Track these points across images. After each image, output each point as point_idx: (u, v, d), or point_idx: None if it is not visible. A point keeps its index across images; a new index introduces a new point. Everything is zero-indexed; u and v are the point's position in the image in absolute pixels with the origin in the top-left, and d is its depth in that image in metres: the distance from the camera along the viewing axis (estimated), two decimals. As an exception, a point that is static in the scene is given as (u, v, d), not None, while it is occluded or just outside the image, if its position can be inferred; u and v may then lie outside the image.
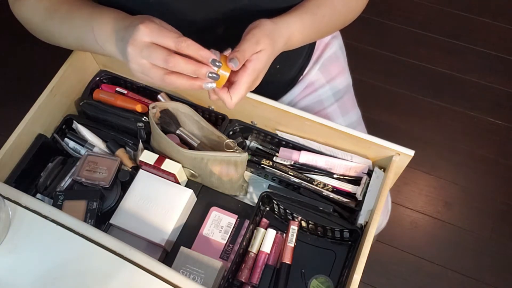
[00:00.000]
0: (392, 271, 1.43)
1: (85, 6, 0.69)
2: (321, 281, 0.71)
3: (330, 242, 0.74)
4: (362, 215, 0.71)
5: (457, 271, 1.41)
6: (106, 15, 0.65)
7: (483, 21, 1.86)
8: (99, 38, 0.65)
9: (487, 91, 1.71)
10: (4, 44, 1.88)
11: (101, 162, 0.76)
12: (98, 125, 0.82)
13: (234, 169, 0.72)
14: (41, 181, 0.77)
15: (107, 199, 0.75)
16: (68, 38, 0.70)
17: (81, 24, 0.67)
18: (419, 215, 1.51)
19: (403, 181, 1.56)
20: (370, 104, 1.64)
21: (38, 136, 0.78)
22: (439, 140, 1.63)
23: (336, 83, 0.94)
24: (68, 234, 0.59)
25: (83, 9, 0.68)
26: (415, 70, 1.77)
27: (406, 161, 0.71)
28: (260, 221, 0.76)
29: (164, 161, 0.73)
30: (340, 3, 0.73)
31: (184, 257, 0.69)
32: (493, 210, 1.50)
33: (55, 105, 0.80)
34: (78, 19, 0.68)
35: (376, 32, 1.86)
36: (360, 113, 0.98)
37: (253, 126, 0.80)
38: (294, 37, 0.68)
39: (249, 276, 0.71)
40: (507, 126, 1.64)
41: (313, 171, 0.76)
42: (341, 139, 0.73)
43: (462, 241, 1.46)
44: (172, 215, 0.72)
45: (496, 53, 1.78)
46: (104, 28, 0.64)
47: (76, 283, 0.58)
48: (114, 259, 0.58)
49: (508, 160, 1.58)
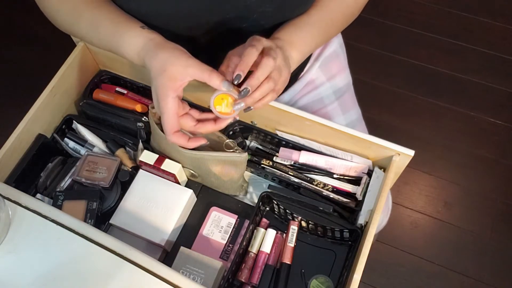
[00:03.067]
0: (392, 271, 1.43)
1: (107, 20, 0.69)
2: (321, 281, 0.71)
3: (330, 242, 0.74)
4: (362, 215, 0.71)
5: (457, 271, 1.41)
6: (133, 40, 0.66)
7: (483, 21, 1.86)
8: (129, 56, 0.67)
9: (487, 91, 1.71)
10: (4, 44, 1.88)
11: (101, 162, 0.76)
12: (98, 125, 0.82)
13: (234, 169, 0.72)
14: (41, 181, 0.77)
15: (107, 199, 0.75)
16: (97, 45, 0.72)
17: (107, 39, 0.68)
18: (419, 215, 1.51)
19: (403, 181, 1.56)
20: (370, 104, 1.63)
21: (38, 136, 0.78)
22: (439, 140, 1.63)
23: (336, 81, 0.94)
24: (68, 234, 0.59)
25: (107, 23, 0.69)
26: (415, 70, 1.77)
27: (406, 161, 0.71)
28: (260, 221, 0.76)
29: (164, 161, 0.73)
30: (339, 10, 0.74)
31: (184, 257, 0.69)
32: (493, 210, 1.50)
33: (55, 105, 0.80)
34: (103, 34, 0.69)
35: (376, 32, 1.86)
36: (361, 112, 0.98)
37: (253, 126, 0.80)
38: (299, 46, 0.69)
39: (249, 276, 0.71)
40: (507, 126, 1.64)
41: (313, 171, 0.76)
42: (341, 139, 0.73)
43: (462, 241, 1.46)
44: (172, 215, 0.72)
45: (496, 53, 1.78)
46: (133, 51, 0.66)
47: (76, 283, 0.58)
48: (114, 259, 0.58)
49: (508, 160, 1.58)
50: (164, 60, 0.61)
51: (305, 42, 0.70)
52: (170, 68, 0.60)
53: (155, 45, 0.63)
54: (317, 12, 0.72)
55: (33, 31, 1.87)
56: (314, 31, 0.71)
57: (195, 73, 0.61)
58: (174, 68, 0.60)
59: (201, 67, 0.61)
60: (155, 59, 0.62)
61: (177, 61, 0.61)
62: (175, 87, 0.60)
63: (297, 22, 0.71)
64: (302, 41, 0.69)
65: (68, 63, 0.79)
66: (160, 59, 0.61)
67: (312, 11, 0.72)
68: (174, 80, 0.60)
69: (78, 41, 0.82)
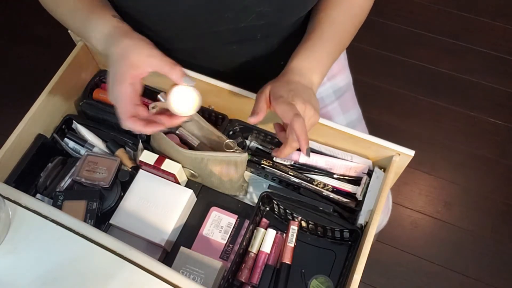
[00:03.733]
0: (392, 271, 1.43)
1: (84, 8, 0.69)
2: (321, 281, 0.71)
3: (330, 242, 0.74)
4: (362, 215, 0.70)
5: (457, 271, 1.41)
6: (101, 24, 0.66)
7: (483, 21, 1.86)
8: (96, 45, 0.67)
9: (487, 91, 1.71)
10: (4, 44, 1.88)
11: (101, 162, 0.76)
12: (98, 125, 0.81)
13: (234, 169, 0.72)
14: (41, 181, 0.77)
15: (107, 199, 0.75)
16: (74, 31, 0.72)
17: (80, 25, 0.68)
18: (419, 215, 1.51)
19: (403, 181, 1.56)
20: (370, 104, 1.63)
21: (38, 136, 0.78)
22: (439, 140, 1.63)
23: (336, 81, 0.94)
24: (68, 234, 0.59)
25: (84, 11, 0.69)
26: (415, 70, 1.77)
27: (406, 161, 0.71)
28: (260, 221, 0.76)
29: (164, 161, 0.73)
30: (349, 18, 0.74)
31: (184, 257, 0.69)
32: (493, 210, 1.50)
33: (55, 105, 0.80)
34: (78, 20, 0.69)
35: (376, 32, 1.86)
36: (361, 112, 0.98)
37: (253, 126, 0.79)
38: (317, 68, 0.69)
39: (249, 276, 0.71)
40: (507, 126, 1.64)
41: (313, 171, 0.76)
42: (341, 139, 0.73)
43: (462, 241, 1.46)
44: (172, 215, 0.72)
45: (496, 53, 1.78)
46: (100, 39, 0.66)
47: (76, 283, 0.58)
48: (114, 259, 0.58)
49: (508, 160, 1.58)
50: (127, 47, 0.61)
51: (322, 64, 0.69)
52: (132, 55, 0.60)
53: (121, 32, 0.63)
54: (329, 28, 0.71)
55: (33, 31, 1.87)
56: (330, 49, 0.70)
57: (157, 64, 0.61)
58: (136, 56, 0.60)
59: (164, 58, 0.61)
60: (119, 45, 0.62)
61: (140, 50, 0.61)
62: (134, 74, 0.60)
63: (311, 45, 0.70)
64: (320, 63, 0.69)
65: (68, 63, 0.79)
66: (124, 45, 0.61)
67: (324, 27, 0.71)
68: (134, 68, 0.60)
69: (78, 40, 0.82)
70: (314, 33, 0.71)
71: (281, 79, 0.67)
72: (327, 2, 0.73)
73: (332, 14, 0.72)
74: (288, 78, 0.66)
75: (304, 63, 0.68)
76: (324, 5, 0.73)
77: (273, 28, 0.74)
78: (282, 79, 0.67)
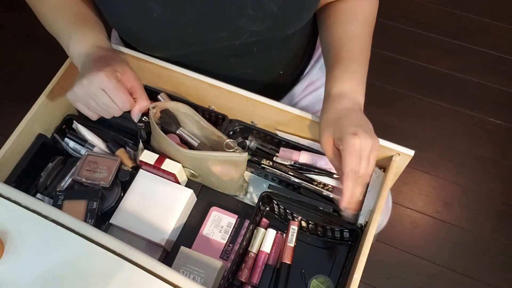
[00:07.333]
0: (392, 271, 1.43)
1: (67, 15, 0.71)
2: (321, 281, 0.71)
3: (330, 242, 0.74)
4: (362, 215, 0.71)
5: (457, 271, 1.41)
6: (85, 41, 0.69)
7: (483, 21, 1.86)
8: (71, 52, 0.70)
9: (487, 91, 1.71)
10: (4, 44, 1.88)
11: (101, 162, 0.76)
12: (98, 125, 0.82)
13: (234, 169, 0.72)
14: (41, 181, 0.77)
15: (107, 199, 0.75)
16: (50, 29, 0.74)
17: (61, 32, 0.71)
18: (419, 215, 1.51)
19: (403, 181, 1.56)
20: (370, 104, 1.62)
21: (38, 136, 0.78)
22: (439, 140, 1.63)
23: None
24: (68, 234, 0.59)
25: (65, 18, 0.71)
26: (415, 70, 1.77)
27: (406, 161, 0.71)
28: (260, 221, 0.76)
29: (164, 161, 0.73)
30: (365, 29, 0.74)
31: (184, 257, 0.69)
32: (493, 210, 1.50)
33: (55, 105, 0.80)
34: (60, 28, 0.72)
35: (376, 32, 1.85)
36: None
37: (253, 126, 0.80)
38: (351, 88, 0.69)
39: (249, 276, 0.71)
40: (507, 126, 1.64)
41: (313, 171, 0.76)
42: (341, 139, 0.73)
43: (462, 241, 1.46)
44: (172, 215, 0.72)
45: (496, 53, 1.78)
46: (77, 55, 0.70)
47: (76, 283, 0.58)
48: (114, 259, 0.58)
49: (508, 160, 1.58)
50: (111, 60, 0.66)
51: (362, 82, 0.69)
52: (116, 64, 0.65)
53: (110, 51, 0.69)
54: (355, 45, 0.71)
55: (33, 31, 1.87)
56: (362, 65, 0.70)
57: (137, 85, 0.67)
58: (120, 64, 0.65)
59: (143, 89, 0.69)
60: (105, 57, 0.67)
61: (126, 65, 0.67)
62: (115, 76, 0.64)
63: (345, 66, 0.69)
64: (360, 82, 0.69)
65: (68, 63, 0.79)
66: (109, 58, 0.66)
67: (349, 45, 0.70)
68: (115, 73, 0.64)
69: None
70: (342, 53, 0.70)
71: (332, 112, 0.65)
72: (337, 15, 0.72)
73: (351, 29, 0.71)
74: (337, 108, 0.65)
75: (347, 87, 0.67)
76: (335, 19, 0.72)
77: (269, 42, 0.74)
78: (333, 111, 0.65)
